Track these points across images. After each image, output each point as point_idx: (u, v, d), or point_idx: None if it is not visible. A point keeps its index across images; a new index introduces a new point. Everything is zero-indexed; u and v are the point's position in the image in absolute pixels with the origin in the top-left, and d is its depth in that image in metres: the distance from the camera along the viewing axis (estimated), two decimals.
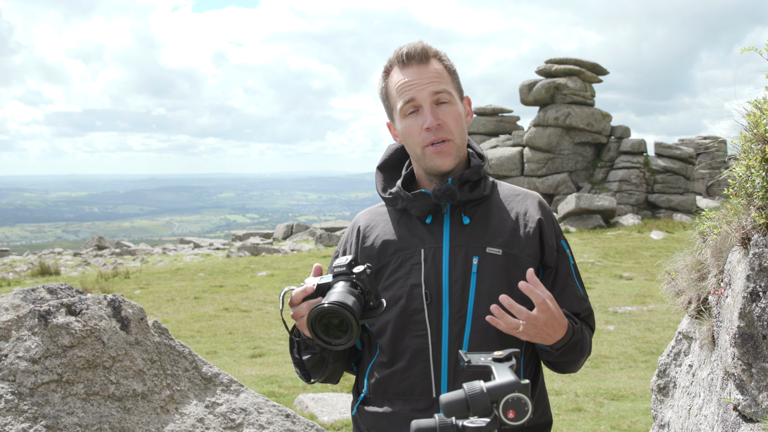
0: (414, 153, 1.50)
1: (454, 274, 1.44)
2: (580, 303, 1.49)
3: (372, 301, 1.30)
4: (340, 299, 1.21)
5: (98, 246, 19.32)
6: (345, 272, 1.30)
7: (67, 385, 1.74)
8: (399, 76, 1.47)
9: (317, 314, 1.21)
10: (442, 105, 1.45)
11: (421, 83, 1.44)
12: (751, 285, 1.19)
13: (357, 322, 1.20)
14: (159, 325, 1.94)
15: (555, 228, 1.52)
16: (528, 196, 1.55)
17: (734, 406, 1.25)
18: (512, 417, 0.94)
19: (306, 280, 1.37)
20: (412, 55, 1.45)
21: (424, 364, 1.43)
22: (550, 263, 1.49)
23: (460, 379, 1.40)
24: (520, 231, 1.47)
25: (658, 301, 8.06)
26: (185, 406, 1.89)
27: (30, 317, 1.77)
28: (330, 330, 1.23)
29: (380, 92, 1.54)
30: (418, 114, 1.45)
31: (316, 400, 4.73)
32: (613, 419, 4.43)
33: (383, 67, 1.52)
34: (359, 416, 1.54)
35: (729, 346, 1.24)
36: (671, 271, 1.58)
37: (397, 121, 1.50)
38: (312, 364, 1.49)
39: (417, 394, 1.44)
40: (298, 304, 1.34)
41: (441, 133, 1.44)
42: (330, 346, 1.23)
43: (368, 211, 1.63)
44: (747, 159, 1.26)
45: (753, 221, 1.23)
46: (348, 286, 1.27)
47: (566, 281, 1.49)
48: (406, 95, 1.45)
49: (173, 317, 8.39)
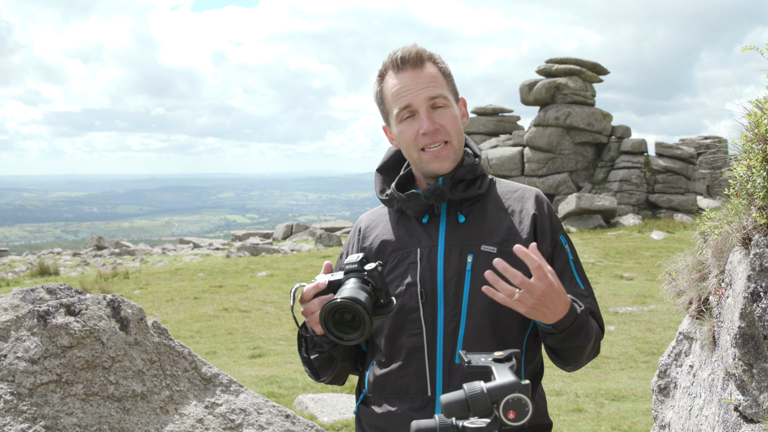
0: (411, 157, 1.51)
1: (448, 273, 1.44)
2: (581, 300, 1.46)
3: (383, 298, 1.31)
4: (352, 294, 1.22)
5: (97, 246, 19.31)
6: (356, 269, 1.31)
7: (66, 386, 1.74)
8: (394, 80, 1.47)
9: (330, 309, 1.22)
10: (438, 109, 1.46)
11: (417, 88, 1.44)
12: (752, 285, 1.18)
13: (370, 317, 1.21)
14: (158, 326, 1.94)
15: (552, 222, 1.50)
16: (525, 191, 1.55)
17: (735, 407, 1.25)
18: (512, 417, 0.94)
19: (317, 277, 1.38)
20: (407, 59, 1.46)
21: (419, 362, 1.43)
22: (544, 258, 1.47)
23: (454, 377, 1.40)
24: (516, 228, 1.47)
25: (658, 302, 8.06)
26: (185, 407, 1.89)
27: (29, 317, 1.77)
28: (342, 326, 1.23)
29: (375, 96, 1.55)
30: (414, 118, 1.46)
31: (315, 401, 4.72)
32: (614, 420, 4.43)
33: (378, 71, 1.53)
34: (360, 415, 1.55)
35: (730, 346, 1.23)
36: (672, 272, 1.57)
37: (393, 125, 1.51)
38: (320, 363, 1.49)
39: (413, 393, 1.44)
40: (310, 300, 1.35)
41: (438, 136, 1.45)
42: (342, 341, 1.24)
43: (371, 212, 1.65)
44: (748, 159, 1.26)
45: (754, 221, 1.23)
46: (360, 283, 1.28)
47: (563, 277, 1.47)
48: (401, 100, 1.46)
49: (173, 317, 8.39)
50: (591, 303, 1.48)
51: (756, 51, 1.26)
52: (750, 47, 1.27)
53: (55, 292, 1.90)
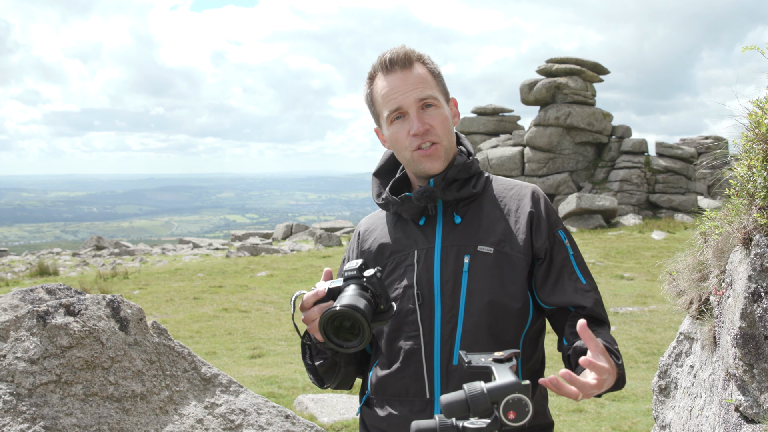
0: (403, 158, 1.51)
1: (445, 274, 1.44)
2: (583, 295, 1.45)
3: (383, 304, 1.31)
4: (351, 302, 1.23)
5: (97, 246, 19.30)
6: (356, 276, 1.31)
7: (65, 386, 1.74)
8: (383, 82, 1.47)
9: (329, 317, 1.22)
10: (428, 109, 1.45)
11: (406, 89, 1.44)
12: (752, 285, 1.18)
13: (369, 325, 1.21)
14: (158, 326, 1.94)
15: (549, 218, 1.49)
16: (522, 188, 1.53)
17: (736, 407, 1.25)
18: (513, 418, 0.94)
19: (317, 284, 1.38)
20: (395, 60, 1.45)
21: (417, 365, 1.43)
22: (540, 254, 1.46)
23: (452, 379, 1.40)
24: (512, 227, 1.46)
25: (659, 302, 8.03)
26: (184, 407, 1.89)
27: (28, 318, 1.76)
28: (341, 333, 1.24)
29: (366, 99, 1.55)
30: (404, 120, 1.46)
31: (315, 401, 4.72)
32: (614, 420, 4.43)
33: (368, 74, 1.52)
34: (364, 416, 1.55)
35: (730, 346, 1.23)
36: (672, 272, 1.57)
37: (384, 127, 1.51)
38: (324, 369, 1.49)
39: (411, 395, 1.44)
40: (310, 308, 1.35)
41: (428, 137, 1.45)
42: (342, 349, 1.24)
43: (370, 216, 1.65)
44: (748, 159, 1.25)
45: (755, 221, 1.22)
46: (359, 290, 1.28)
47: (562, 272, 1.46)
48: (391, 102, 1.46)
49: (172, 318, 8.38)
50: (594, 297, 1.46)
51: (756, 51, 1.26)
52: (751, 47, 1.27)
53: (54, 292, 1.89)
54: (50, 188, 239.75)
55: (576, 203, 17.72)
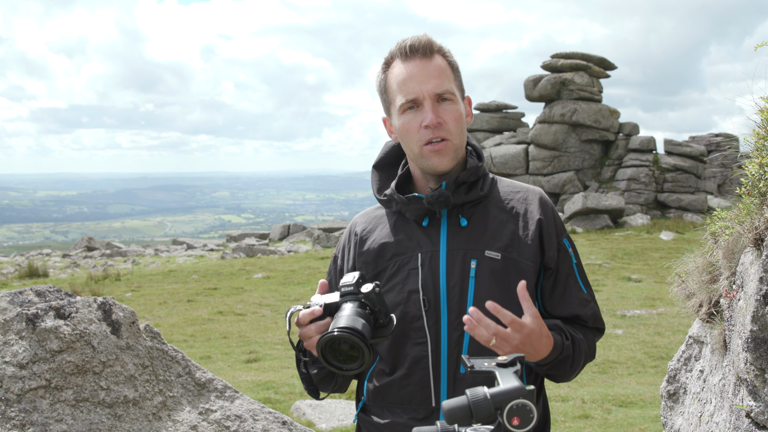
0: (411, 151, 1.45)
1: (451, 279, 1.40)
2: (583, 305, 1.45)
3: (382, 318, 1.28)
4: (349, 324, 1.19)
5: (88, 247, 19.16)
6: (352, 291, 1.28)
7: (55, 391, 1.70)
8: (400, 69, 1.42)
9: (327, 342, 1.19)
10: (443, 103, 1.41)
11: (424, 79, 1.39)
12: (764, 287, 1.16)
13: (368, 348, 1.18)
14: (151, 329, 1.90)
15: (557, 226, 1.48)
16: (528, 192, 1.51)
17: (747, 413, 1.23)
18: (517, 424, 0.91)
19: (312, 298, 1.35)
20: (416, 48, 1.41)
21: (423, 372, 1.40)
22: (550, 264, 1.45)
23: (460, 387, 1.37)
24: (520, 233, 1.43)
25: (667, 304, 7.97)
26: (178, 413, 1.85)
27: (17, 321, 1.73)
28: (340, 355, 1.21)
29: (378, 85, 1.49)
30: (417, 110, 1.41)
31: (313, 407, 4.68)
32: (622, 427, 4.37)
33: (383, 59, 1.47)
34: (361, 423, 1.52)
35: (741, 350, 1.21)
36: (681, 273, 1.55)
37: (395, 116, 1.45)
38: (320, 378, 1.47)
39: (416, 403, 1.41)
40: (306, 325, 1.32)
41: (440, 132, 1.40)
42: (341, 372, 1.22)
43: (364, 213, 1.59)
44: (760, 157, 1.23)
45: (766, 221, 1.20)
46: (356, 308, 1.25)
47: (567, 282, 1.45)
48: (406, 90, 1.40)
49: (166, 321, 8.31)
50: (593, 308, 1.48)
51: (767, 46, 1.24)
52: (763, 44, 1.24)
53: (44, 294, 1.86)
54: (39, 187, 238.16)
55: (582, 203, 17.34)
